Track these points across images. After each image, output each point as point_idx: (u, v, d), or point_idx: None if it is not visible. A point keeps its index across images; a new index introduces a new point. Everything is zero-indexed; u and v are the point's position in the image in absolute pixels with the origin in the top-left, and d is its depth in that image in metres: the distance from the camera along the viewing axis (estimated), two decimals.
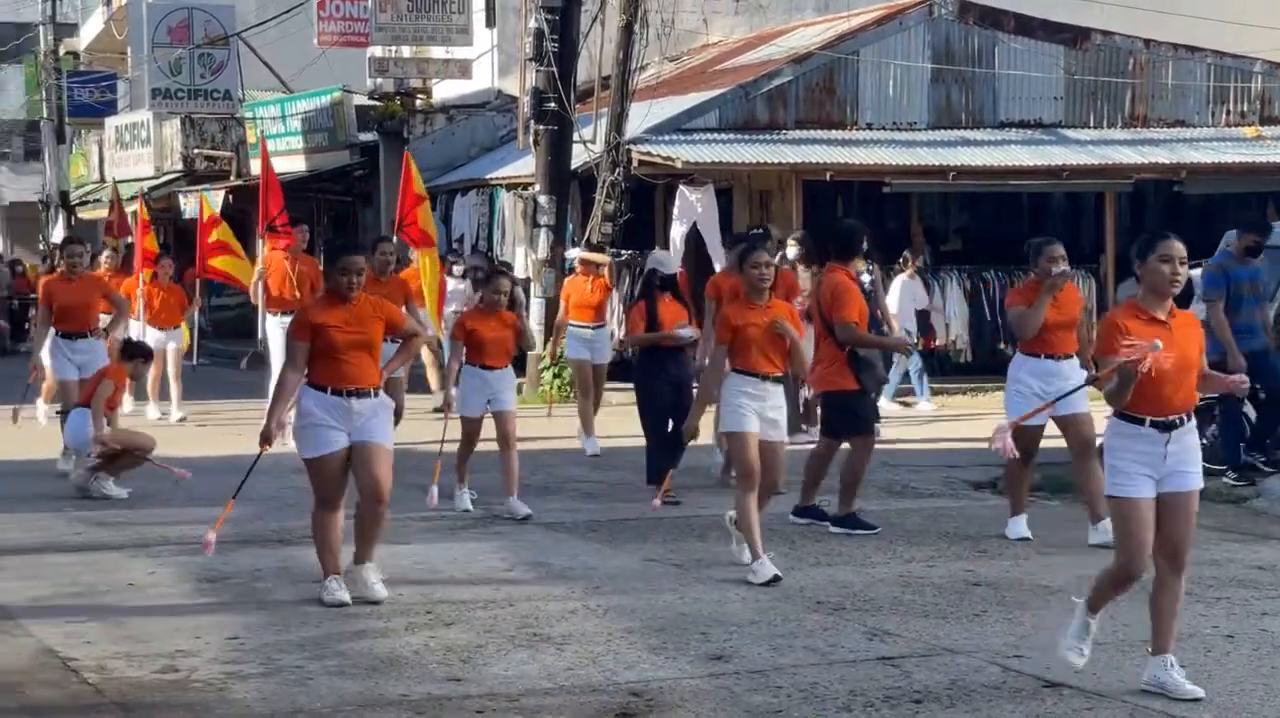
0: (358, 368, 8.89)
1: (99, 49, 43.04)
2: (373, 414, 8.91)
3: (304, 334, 8.87)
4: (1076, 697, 7.16)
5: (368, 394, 8.90)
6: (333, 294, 9.06)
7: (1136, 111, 23.37)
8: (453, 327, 13.39)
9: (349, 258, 9.03)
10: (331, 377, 8.85)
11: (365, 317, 9.01)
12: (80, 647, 8.09)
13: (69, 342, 13.93)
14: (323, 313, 8.96)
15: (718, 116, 22.15)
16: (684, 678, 7.49)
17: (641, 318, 12.88)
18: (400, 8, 26.94)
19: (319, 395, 8.84)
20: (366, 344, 8.94)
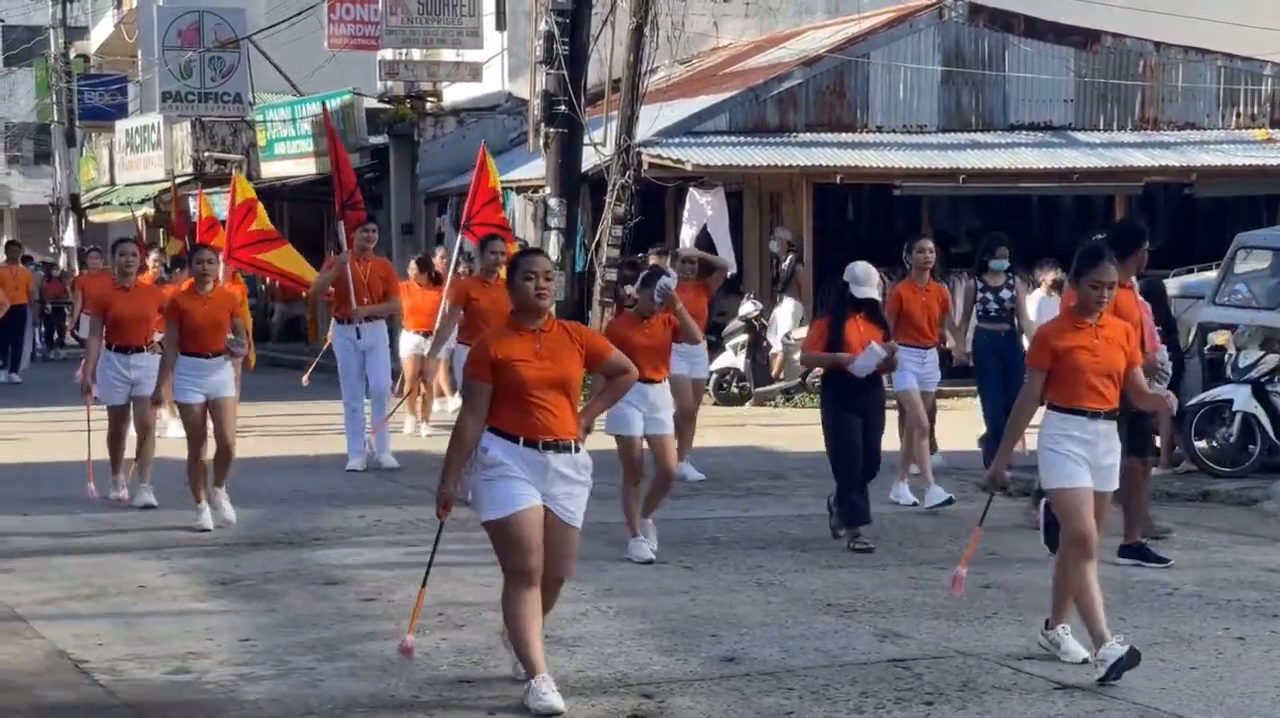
0: (557, 416, 7.02)
1: (109, 52, 43.11)
2: (572, 476, 7.07)
3: (485, 372, 7.01)
4: (1087, 698, 7.16)
5: (568, 448, 7.04)
6: (517, 314, 7.11)
7: (1147, 114, 23.35)
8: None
9: (534, 257, 7.26)
10: (524, 424, 6.99)
11: (561, 349, 7.09)
12: (92, 649, 8.10)
13: (122, 356, 12.58)
14: (506, 344, 7.05)
15: (728, 119, 22.16)
16: (695, 679, 7.50)
17: (822, 336, 10.88)
18: (411, 11, 26.96)
19: (508, 444, 7.00)
20: (564, 382, 7.05)
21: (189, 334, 11.49)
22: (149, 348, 12.64)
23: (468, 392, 7.07)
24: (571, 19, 20.78)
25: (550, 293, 7.13)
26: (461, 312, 13.20)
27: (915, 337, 12.57)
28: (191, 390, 11.53)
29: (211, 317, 11.59)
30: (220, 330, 11.61)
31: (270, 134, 31.41)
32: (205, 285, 11.68)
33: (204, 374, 11.53)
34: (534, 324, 7.07)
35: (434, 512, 7.15)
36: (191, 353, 11.54)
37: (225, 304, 11.77)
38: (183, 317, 11.54)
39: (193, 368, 11.54)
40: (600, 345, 7.25)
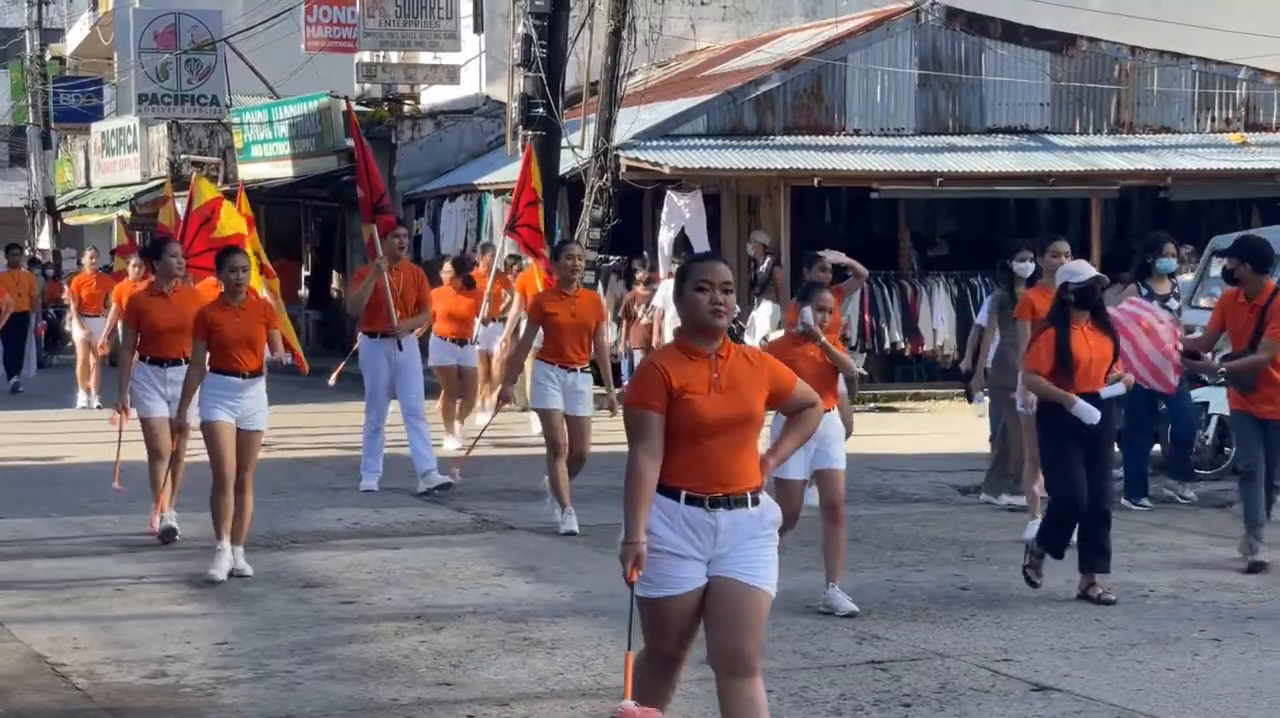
0: (736, 463, 5.64)
1: (85, 54, 43.00)
2: (750, 534, 5.64)
3: (659, 400, 5.58)
4: (1065, 700, 7.18)
5: (744, 503, 5.63)
6: (686, 334, 5.70)
7: (1122, 118, 23.43)
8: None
9: (710, 263, 5.70)
10: (692, 473, 5.61)
11: (743, 379, 5.67)
12: (69, 652, 8.08)
13: (159, 369, 11.18)
14: (680, 370, 5.61)
15: (705, 122, 22.18)
16: None
17: (1050, 354, 9.15)
18: (388, 13, 26.93)
19: (669, 505, 5.60)
20: (747, 420, 5.65)
21: (219, 350, 10.03)
22: (188, 360, 10.97)
23: (637, 425, 5.59)
24: (549, 22, 20.78)
25: (730, 309, 5.65)
26: (540, 329, 11.48)
27: None
28: (219, 409, 9.99)
29: (244, 330, 10.07)
30: (255, 346, 10.12)
31: (247, 136, 31.34)
32: (238, 296, 10.14)
33: (236, 395, 10.03)
34: (709, 348, 5.64)
35: (410, 514, 7.23)
36: (222, 370, 10.04)
37: (260, 316, 10.24)
38: (211, 331, 10.05)
39: (223, 387, 10.03)
40: (786, 376, 5.83)
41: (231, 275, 10.13)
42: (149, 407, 11.14)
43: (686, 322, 5.68)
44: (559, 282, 11.53)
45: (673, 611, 5.69)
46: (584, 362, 11.37)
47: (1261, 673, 7.65)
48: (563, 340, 11.29)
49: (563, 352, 11.30)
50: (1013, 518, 12.12)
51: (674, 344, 5.74)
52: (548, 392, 11.26)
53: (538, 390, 11.39)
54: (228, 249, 10.78)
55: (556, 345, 11.32)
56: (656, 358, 5.74)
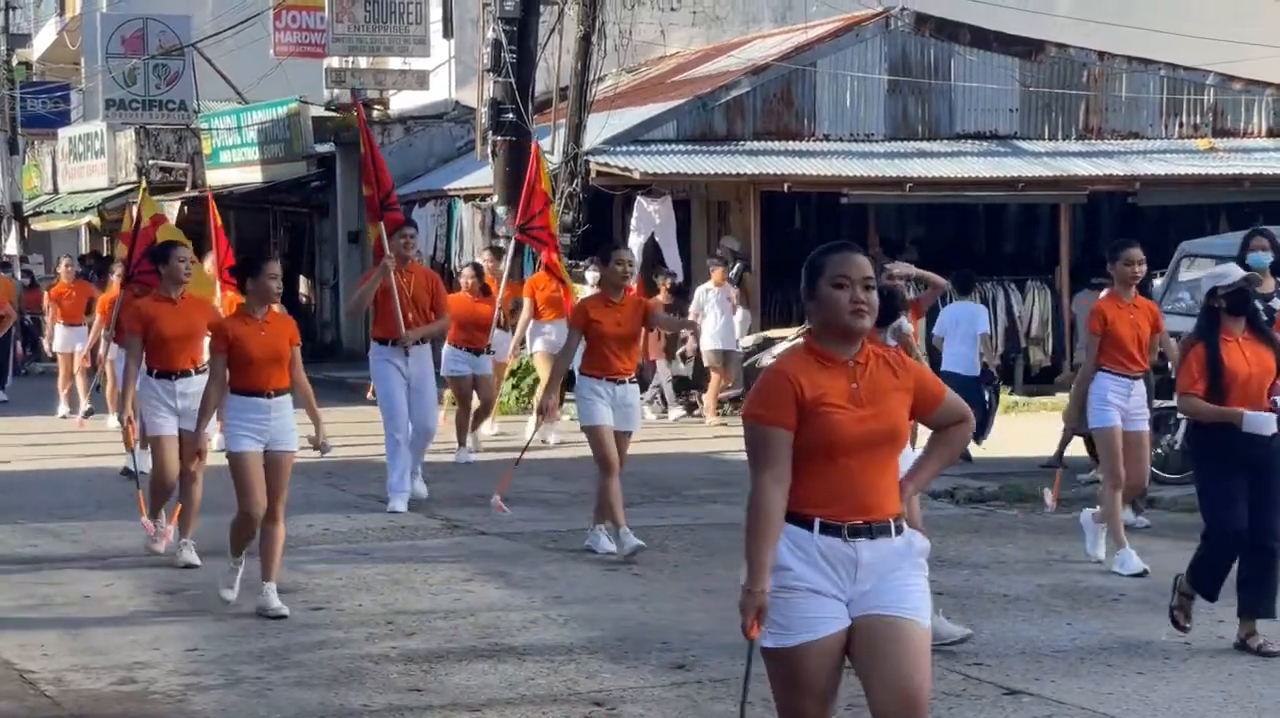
0: (877, 486, 4.93)
1: (52, 59, 42.82)
2: (894, 566, 4.91)
3: (789, 415, 4.86)
4: (1036, 704, 7.19)
5: (886, 532, 4.90)
6: (821, 337, 4.95)
7: (1091, 123, 23.50)
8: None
9: (847, 255, 4.93)
10: (827, 498, 4.87)
11: (887, 389, 4.96)
12: (37, 659, 8.04)
13: (167, 382, 10.35)
14: (814, 379, 4.90)
15: (675, 128, 22.18)
16: (646, 687, 7.49)
17: (1202, 372, 8.20)
18: (357, 19, 26.89)
19: (800, 535, 4.86)
20: (891, 436, 4.94)
21: (242, 368, 9.03)
22: (198, 370, 10.38)
23: (763, 445, 4.84)
24: (519, 27, 20.78)
25: (873, 308, 4.90)
26: (582, 337, 10.63)
27: (1121, 363, 10.15)
28: (247, 437, 8.99)
29: (270, 347, 9.09)
30: (280, 364, 9.15)
31: (216, 142, 31.28)
32: (263, 309, 9.18)
33: (262, 417, 9.02)
34: (848, 353, 4.93)
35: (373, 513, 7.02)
36: (246, 391, 9.05)
37: (285, 331, 9.25)
38: (233, 347, 9.05)
39: (249, 409, 9.03)
40: (934, 385, 5.09)
41: (260, 283, 9.11)
42: (158, 423, 10.29)
43: (820, 323, 4.93)
44: (606, 288, 10.72)
45: (813, 660, 4.86)
46: (632, 372, 10.67)
47: (1231, 676, 7.67)
48: (609, 351, 10.48)
49: (609, 363, 10.49)
50: (983, 522, 12.16)
51: (803, 349, 4.97)
52: (596, 407, 10.44)
53: (585, 407, 10.52)
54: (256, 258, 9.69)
55: (602, 357, 10.50)
56: (785, 365, 4.96)
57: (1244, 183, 22.54)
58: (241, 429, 8.99)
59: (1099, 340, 10.18)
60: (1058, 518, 12.12)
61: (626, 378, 10.57)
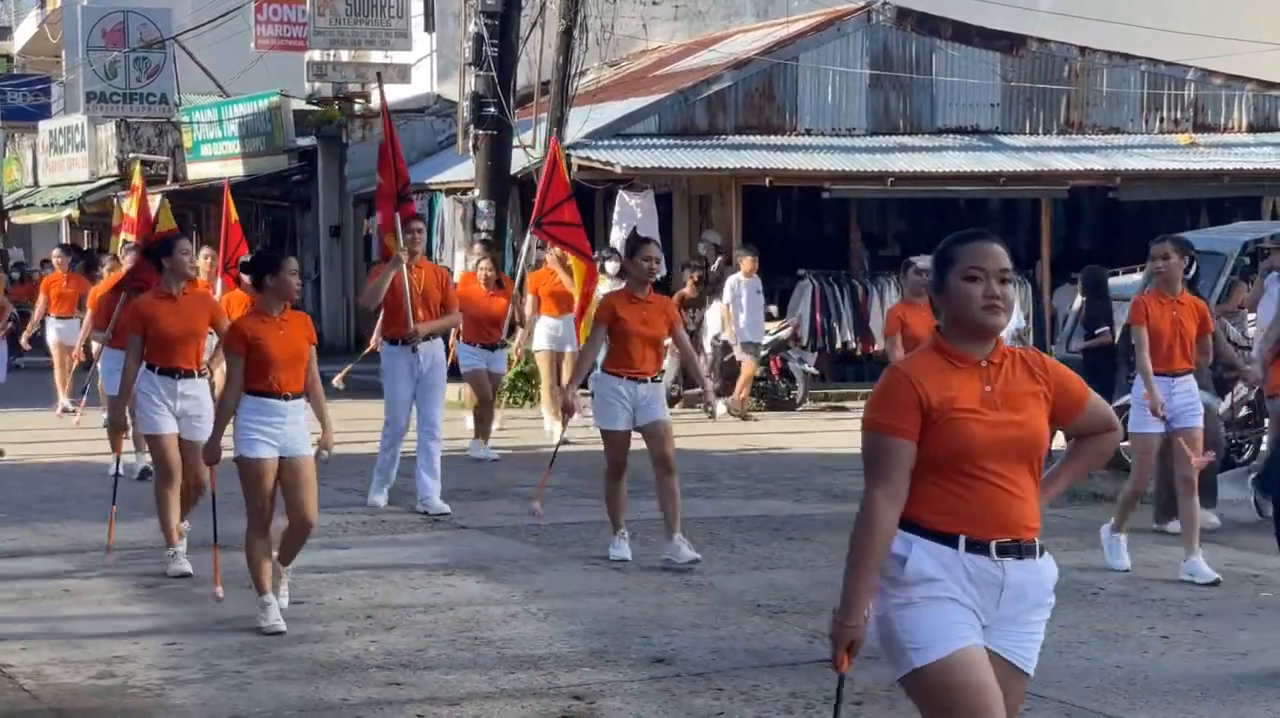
0: (1020, 501, 4.47)
1: (33, 52, 42.69)
2: (1036, 602, 4.54)
3: (910, 423, 4.43)
4: None
5: (1033, 552, 4.48)
6: (948, 335, 4.52)
7: (1072, 118, 23.56)
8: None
9: (981, 244, 4.50)
10: (968, 514, 4.43)
11: (1024, 392, 4.51)
12: (16, 653, 8.01)
13: (169, 380, 9.87)
14: (941, 380, 4.46)
15: (657, 122, 22.19)
16: (625, 681, 7.49)
17: None
18: (338, 12, 26.83)
19: (945, 553, 4.42)
20: (1032, 444, 4.47)
21: (258, 369, 8.52)
22: (200, 373, 10.07)
23: (880, 456, 4.41)
24: (500, 21, 20.76)
25: (1009, 303, 4.47)
26: (606, 333, 10.25)
27: (1162, 362, 9.85)
28: (262, 442, 8.47)
29: (289, 346, 8.62)
30: (299, 364, 8.63)
31: (196, 135, 31.22)
32: (280, 306, 8.67)
33: (277, 421, 8.51)
34: (980, 352, 4.49)
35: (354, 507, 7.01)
36: (261, 393, 8.53)
37: (304, 330, 8.76)
38: (251, 347, 8.56)
39: (263, 412, 8.52)
40: (1077, 387, 4.59)
41: (279, 279, 8.59)
42: (157, 423, 9.82)
43: (950, 319, 4.49)
44: (632, 284, 10.26)
45: (968, 670, 4.35)
46: (656, 371, 10.27)
47: (1209, 670, 7.70)
48: (633, 349, 10.08)
49: (633, 362, 10.09)
50: None
51: (929, 348, 4.52)
52: (615, 410, 10.12)
53: (603, 407, 10.19)
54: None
55: (626, 355, 10.10)
56: (907, 367, 4.50)
57: (1224, 178, 22.62)
58: (256, 433, 8.43)
59: (1143, 335, 9.81)
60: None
61: (649, 377, 10.18)
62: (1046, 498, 4.61)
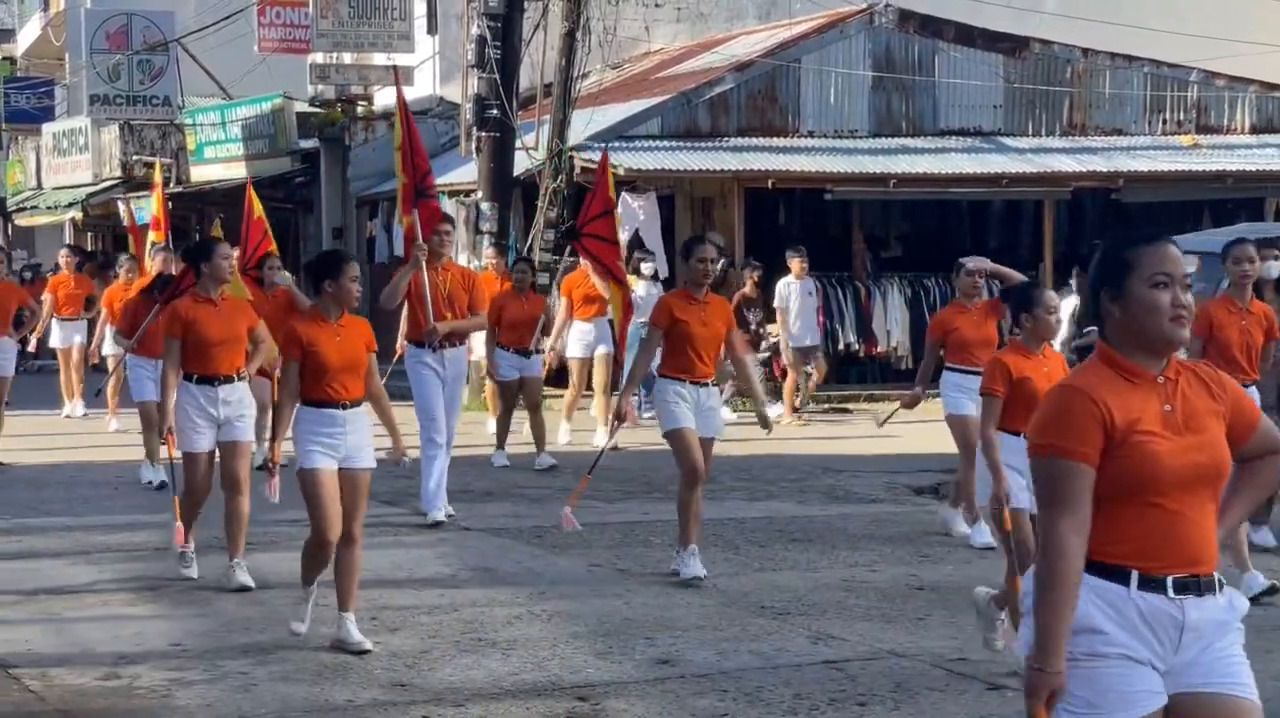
0: (1201, 532, 4.06)
1: (36, 55, 42.68)
2: (1219, 632, 4.08)
3: (1092, 445, 4.00)
4: (1019, 698, 7.13)
5: (1213, 588, 4.06)
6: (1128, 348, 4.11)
7: (1075, 120, 23.56)
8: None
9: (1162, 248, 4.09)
10: (1145, 546, 4.01)
11: (1204, 412, 4.11)
12: (21, 654, 8.02)
13: (209, 388, 9.48)
14: (1121, 398, 4.06)
15: (660, 124, 22.20)
16: (630, 682, 7.51)
17: None
18: (341, 14, 26.83)
19: (1113, 591, 4.02)
20: (1215, 470, 4.08)
21: (315, 376, 8.22)
22: (239, 376, 9.64)
23: (1062, 483, 3.99)
24: (503, 23, 20.77)
25: (1191, 314, 4.10)
26: (661, 335, 9.92)
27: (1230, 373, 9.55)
28: (319, 452, 8.17)
29: (347, 353, 8.28)
30: (357, 372, 8.31)
31: (200, 138, 31.22)
32: (338, 312, 8.35)
33: (336, 431, 8.21)
34: (1157, 367, 4.10)
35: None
36: (318, 402, 8.24)
37: (362, 336, 8.40)
38: (307, 353, 8.25)
39: (321, 423, 8.21)
40: (1250, 408, 4.17)
41: (339, 283, 8.30)
42: (195, 440, 9.43)
43: (1125, 329, 4.07)
44: (688, 285, 9.93)
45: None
46: (713, 375, 9.98)
47: None
48: (692, 352, 9.73)
49: (693, 365, 9.74)
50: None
51: (1099, 361, 4.11)
52: (679, 410, 9.71)
53: (666, 411, 9.79)
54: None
55: (686, 358, 9.74)
56: (1084, 383, 4.06)
57: (1227, 179, 22.62)
58: (314, 444, 8.07)
59: (1201, 345, 9.26)
60: None
61: (709, 380, 9.88)
62: (1225, 530, 4.16)
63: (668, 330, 9.80)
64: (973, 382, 9.82)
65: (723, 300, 10.27)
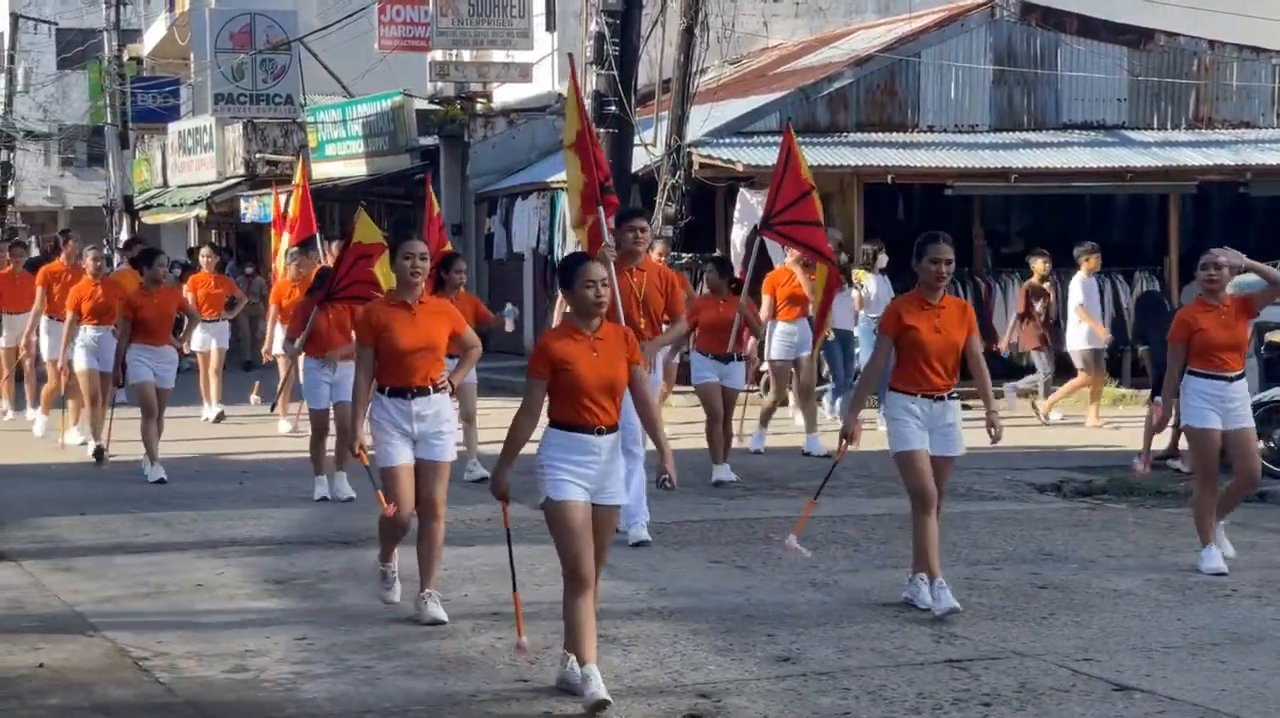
0: None
1: (162, 55, 43.38)
2: None
3: None
4: (1147, 700, 7.11)
5: None
6: None
7: (1201, 113, 23.20)
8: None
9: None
10: None
11: None
12: (151, 646, 8.15)
13: (402, 401, 8.55)
14: None
15: (778, 119, 22.10)
16: (751, 679, 7.49)
17: None
18: (461, 12, 27.04)
19: None
20: None
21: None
22: (436, 388, 8.65)
23: None
24: (621, 20, 20.77)
25: None
26: (893, 346, 9.02)
27: None
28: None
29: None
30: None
31: (321, 135, 31.57)
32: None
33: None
34: None
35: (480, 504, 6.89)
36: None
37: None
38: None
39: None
40: None
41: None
42: (389, 453, 8.56)
43: None
44: (921, 288, 8.95)
45: None
46: (952, 386, 8.96)
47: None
48: (925, 362, 8.86)
49: (925, 378, 8.87)
50: (1091, 516, 12.04)
51: None
52: (909, 430, 8.88)
53: (895, 429, 8.95)
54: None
55: (917, 370, 8.88)
56: None
57: None
58: (562, 471, 7.24)
59: None
60: (1167, 513, 12.01)
61: (945, 393, 8.92)
62: None
63: (897, 338, 8.91)
64: (1219, 388, 9.75)
65: (962, 304, 9.23)
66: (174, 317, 14.63)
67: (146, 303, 13.96)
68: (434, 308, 8.71)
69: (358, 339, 8.73)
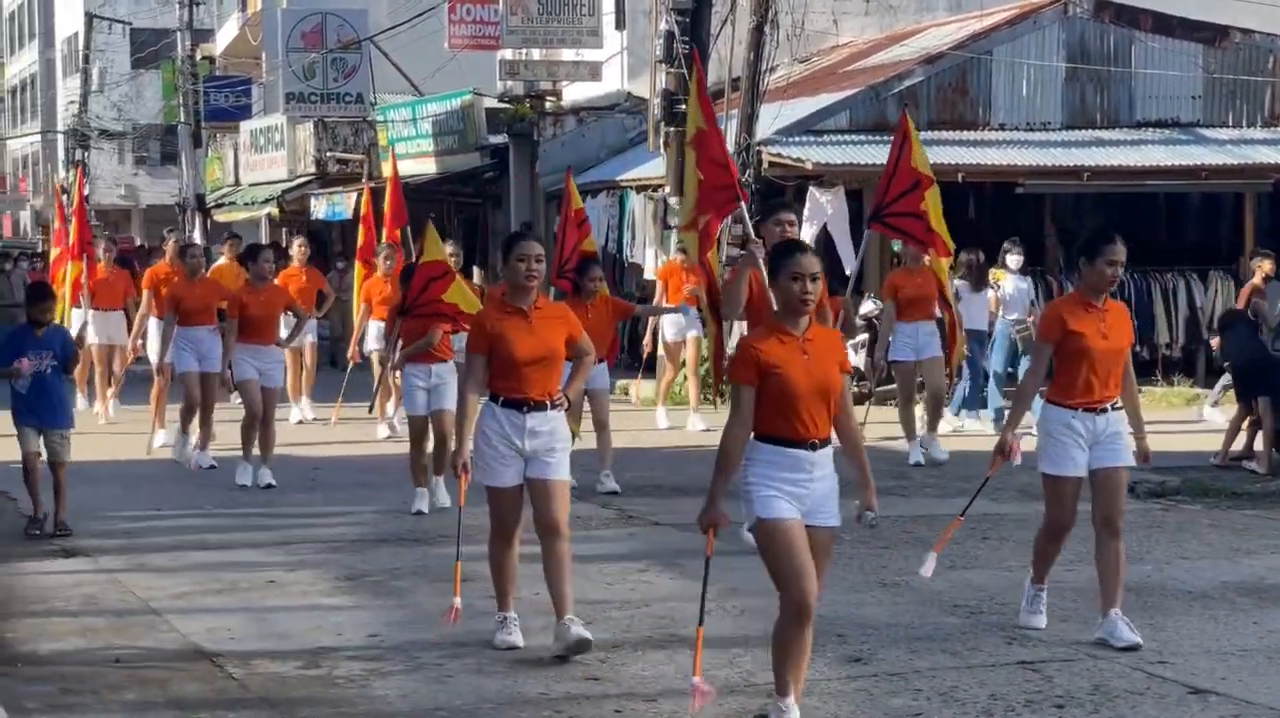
0: None
1: (234, 54, 43.73)
2: None
3: None
4: (1224, 703, 7.04)
5: None
6: None
7: (1277, 110, 22.94)
8: None
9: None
10: None
11: None
12: (224, 642, 8.22)
13: (515, 414, 7.89)
14: None
15: (848, 117, 22.05)
16: (822, 680, 7.47)
17: None
18: (530, 11, 27.09)
19: None
20: None
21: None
22: (553, 404, 8.01)
23: None
24: (691, 18, 20.77)
25: None
26: (1050, 350, 8.30)
27: None
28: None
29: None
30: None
31: (391, 134, 31.71)
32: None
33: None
34: None
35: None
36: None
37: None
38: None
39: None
40: None
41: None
42: (495, 470, 8.00)
43: None
44: (1085, 290, 8.25)
45: None
46: (1116, 397, 8.23)
47: None
48: (1091, 371, 8.14)
49: (1088, 387, 8.15)
50: (1165, 517, 11.93)
51: None
52: (1066, 451, 8.24)
53: (1052, 449, 8.32)
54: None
55: (1079, 379, 8.15)
56: None
57: None
58: (771, 489, 6.64)
59: None
60: (1242, 515, 11.88)
61: (1109, 404, 8.21)
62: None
63: (1059, 345, 8.18)
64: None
65: (1124, 308, 8.48)
66: (280, 315, 13.99)
67: (253, 300, 13.45)
68: (551, 313, 8.13)
69: (469, 347, 8.19)
